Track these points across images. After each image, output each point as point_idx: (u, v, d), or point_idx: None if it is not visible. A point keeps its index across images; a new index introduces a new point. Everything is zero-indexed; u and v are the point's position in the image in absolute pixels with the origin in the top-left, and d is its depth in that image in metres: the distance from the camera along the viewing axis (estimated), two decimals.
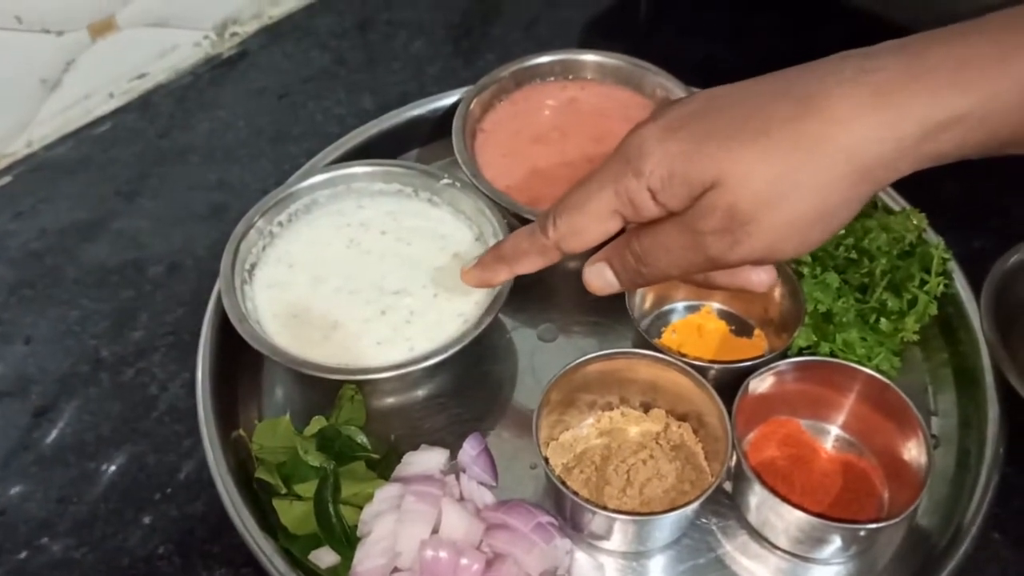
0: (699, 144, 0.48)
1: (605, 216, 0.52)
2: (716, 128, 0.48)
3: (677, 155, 0.48)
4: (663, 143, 0.49)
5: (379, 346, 0.67)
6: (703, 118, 0.49)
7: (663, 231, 0.51)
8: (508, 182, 0.77)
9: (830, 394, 0.66)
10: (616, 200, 0.51)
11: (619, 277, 0.55)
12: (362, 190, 0.76)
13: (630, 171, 0.50)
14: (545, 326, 0.74)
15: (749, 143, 0.47)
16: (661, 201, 0.50)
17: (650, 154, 0.49)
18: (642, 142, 0.50)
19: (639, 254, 0.53)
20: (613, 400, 0.68)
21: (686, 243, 0.50)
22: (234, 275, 0.69)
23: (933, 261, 0.71)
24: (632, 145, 0.50)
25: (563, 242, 0.55)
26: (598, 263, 0.56)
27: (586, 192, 0.53)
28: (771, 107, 0.48)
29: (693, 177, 0.48)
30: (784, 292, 0.70)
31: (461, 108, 0.80)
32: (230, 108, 0.91)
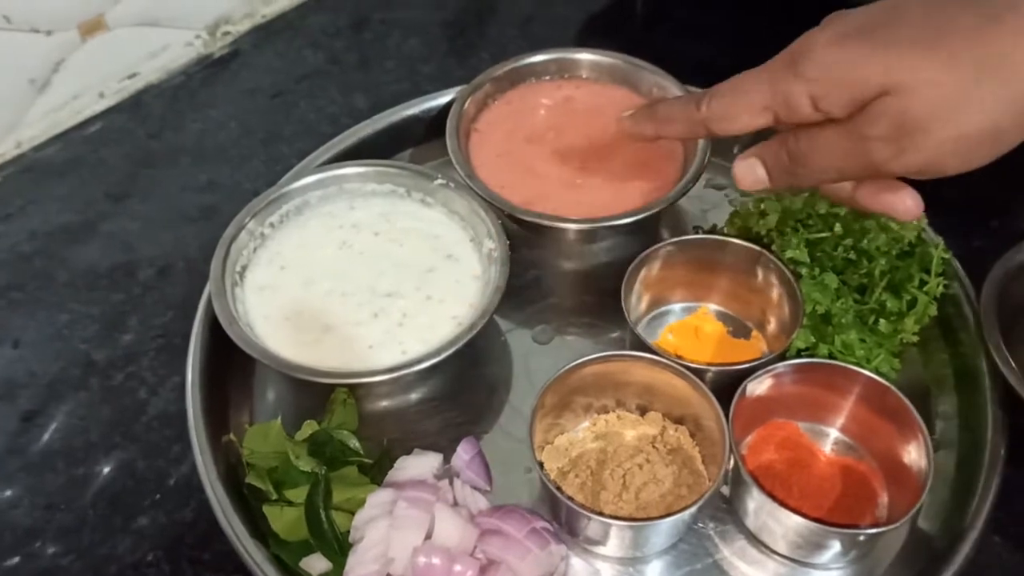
0: (873, 51, 0.48)
1: (757, 110, 0.53)
2: (893, 35, 0.48)
3: (846, 62, 0.49)
4: (832, 49, 0.49)
5: (371, 349, 0.66)
6: (881, 25, 0.49)
7: (824, 132, 0.51)
8: (503, 182, 0.76)
9: (829, 397, 0.65)
10: (772, 98, 0.52)
11: (771, 174, 0.56)
12: (354, 191, 0.75)
13: (792, 73, 0.50)
14: (540, 328, 0.73)
15: (928, 52, 0.47)
16: (822, 108, 0.50)
17: (818, 60, 0.50)
18: (811, 45, 0.50)
19: (795, 153, 0.53)
20: (609, 403, 0.67)
21: (848, 147, 0.50)
22: (224, 277, 0.68)
23: (933, 261, 0.70)
24: (800, 47, 0.51)
25: (710, 122, 0.56)
26: (750, 159, 0.57)
27: (745, 81, 0.54)
28: (954, 17, 0.47)
29: (862, 83, 0.48)
30: (782, 293, 0.69)
31: (455, 107, 0.79)
32: (222, 108, 0.90)
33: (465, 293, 0.69)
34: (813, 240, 0.71)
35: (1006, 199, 0.81)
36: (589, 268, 0.78)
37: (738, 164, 0.57)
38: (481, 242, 0.71)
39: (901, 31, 0.48)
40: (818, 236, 0.71)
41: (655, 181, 0.76)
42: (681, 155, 0.78)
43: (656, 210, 0.73)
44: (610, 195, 0.75)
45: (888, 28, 0.49)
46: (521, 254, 0.77)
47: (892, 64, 0.47)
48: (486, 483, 0.64)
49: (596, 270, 0.78)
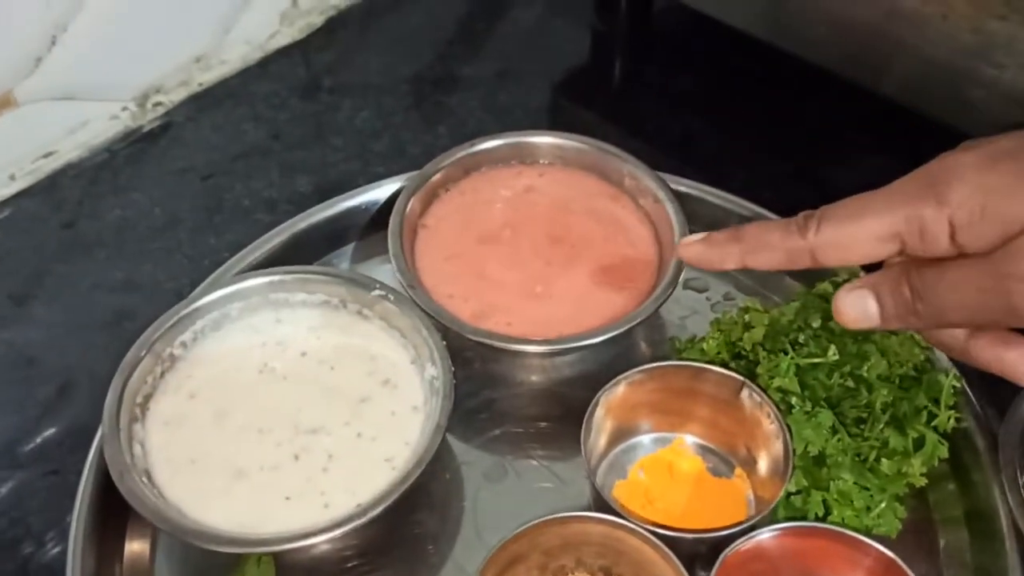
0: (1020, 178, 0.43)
1: (883, 238, 0.46)
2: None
3: (996, 189, 0.43)
4: (981, 173, 0.44)
5: (288, 502, 0.57)
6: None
7: (956, 266, 0.45)
8: (451, 290, 0.67)
9: (825, 565, 0.55)
10: (904, 224, 0.45)
11: (884, 310, 0.48)
12: (281, 301, 0.66)
13: (932, 196, 0.44)
14: (493, 462, 0.64)
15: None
16: (960, 240, 0.44)
17: (963, 182, 0.44)
18: (955, 167, 0.45)
19: (919, 289, 0.47)
20: (568, 563, 0.57)
21: (985, 285, 0.44)
22: (120, 414, 0.58)
23: (943, 391, 0.61)
24: (941, 169, 0.45)
25: (821, 251, 0.48)
26: (861, 290, 0.49)
27: (869, 205, 0.47)
28: None
29: (1012, 215, 0.42)
30: (768, 429, 0.60)
31: (399, 204, 0.70)
32: (147, 191, 0.81)
33: (401, 429, 0.60)
34: (804, 366, 0.62)
35: None
36: (550, 386, 0.69)
37: (844, 296, 0.49)
38: (423, 366, 0.62)
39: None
40: (810, 361, 0.62)
41: (627, 288, 0.67)
42: (656, 257, 0.69)
43: (624, 329, 0.63)
44: (575, 306, 0.66)
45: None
46: (472, 370, 0.68)
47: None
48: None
49: (558, 388, 0.68)
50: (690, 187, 0.74)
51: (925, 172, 0.46)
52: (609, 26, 0.98)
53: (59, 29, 0.77)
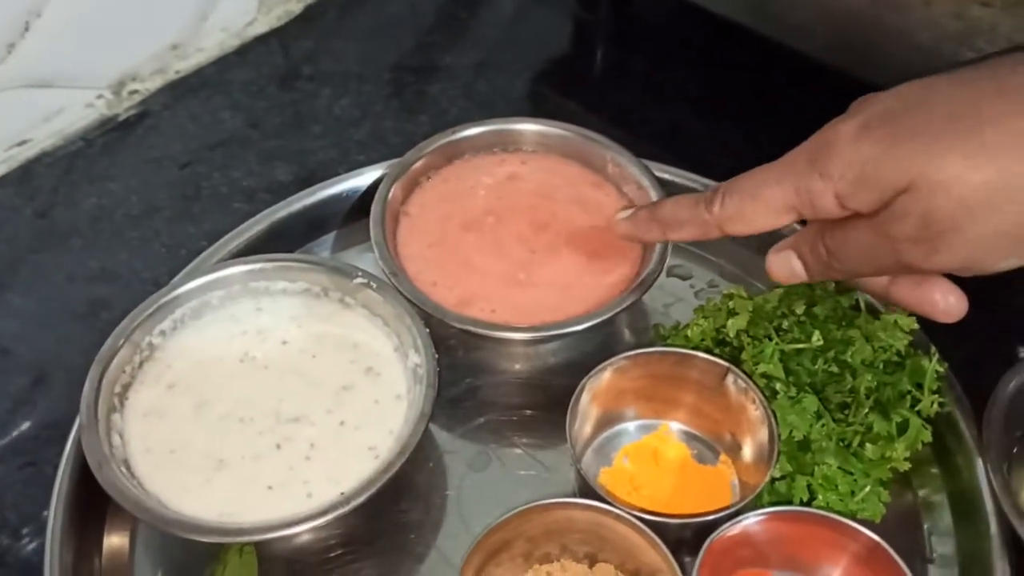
0: (895, 145, 0.45)
1: (779, 210, 0.50)
2: (917, 127, 0.45)
3: (870, 158, 0.46)
4: (856, 144, 0.46)
5: (271, 491, 0.56)
6: (903, 115, 0.46)
7: (854, 230, 0.49)
8: (434, 278, 0.66)
9: (810, 549, 0.55)
10: (795, 197, 0.49)
11: (808, 268, 0.53)
12: (262, 290, 0.65)
13: (816, 171, 0.48)
14: (477, 451, 0.63)
15: (955, 145, 0.44)
16: (849, 206, 0.47)
17: (840, 155, 0.47)
18: (834, 140, 0.47)
19: (831, 248, 0.50)
20: (553, 550, 0.57)
21: (878, 245, 0.47)
22: (98, 403, 0.57)
23: (926, 376, 0.61)
24: (822, 143, 0.48)
25: (726, 223, 0.53)
26: (785, 251, 0.54)
27: (763, 180, 0.51)
28: (982, 104, 0.44)
29: (885, 181, 0.45)
30: (753, 415, 0.60)
31: (381, 191, 0.69)
32: (123, 180, 0.80)
33: (385, 417, 0.59)
34: (788, 352, 0.62)
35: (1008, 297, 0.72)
36: (534, 374, 0.68)
37: (773, 257, 0.54)
38: (406, 354, 0.61)
39: (925, 120, 0.45)
40: (794, 347, 0.62)
41: (611, 275, 0.67)
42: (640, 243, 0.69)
43: (609, 315, 0.63)
44: (559, 294, 0.66)
45: (911, 117, 0.46)
46: (456, 358, 0.67)
47: (913, 158, 0.44)
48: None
49: (542, 376, 0.68)
50: (674, 174, 0.74)
51: (810, 145, 0.49)
52: (591, 14, 0.97)
53: (32, 15, 0.76)
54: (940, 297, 0.51)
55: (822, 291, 0.65)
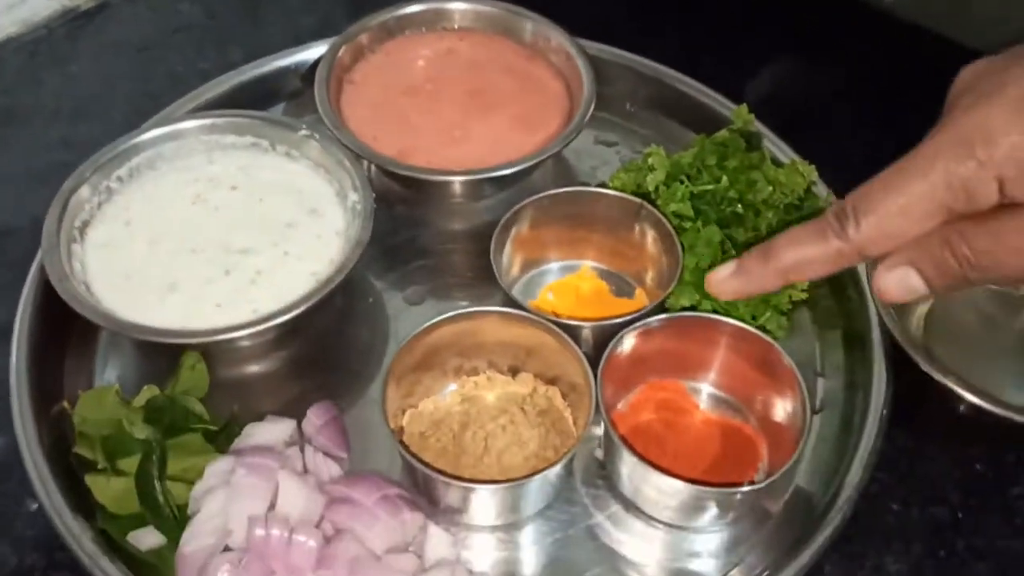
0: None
1: (930, 213, 0.43)
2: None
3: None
4: (1019, 121, 0.41)
5: (219, 308, 0.61)
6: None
7: (1008, 228, 0.43)
8: (375, 133, 0.71)
9: (709, 353, 0.61)
10: (947, 194, 0.43)
11: (931, 283, 0.46)
12: (212, 143, 0.70)
13: (973, 158, 0.42)
14: (412, 289, 0.69)
15: None
16: (1011, 193, 0.42)
17: (1002, 135, 0.41)
18: (986, 121, 0.42)
19: (969, 256, 0.44)
20: (480, 364, 0.62)
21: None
22: (60, 233, 0.62)
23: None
24: (971, 126, 0.42)
25: (869, 247, 0.45)
26: (900, 268, 0.46)
27: (905, 184, 0.43)
28: None
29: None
30: (662, 248, 0.65)
31: (327, 56, 0.74)
32: (84, 64, 0.84)
33: (326, 249, 0.65)
34: (698, 193, 0.67)
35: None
36: (468, 227, 0.74)
37: (886, 276, 0.46)
38: (346, 195, 0.66)
39: None
40: (703, 188, 0.68)
41: (538, 135, 0.72)
42: (567, 107, 0.74)
43: (536, 162, 0.69)
44: (490, 149, 0.71)
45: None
46: (396, 212, 0.73)
47: None
48: (341, 450, 0.59)
49: (475, 229, 0.73)
50: (601, 51, 0.79)
51: (954, 132, 0.43)
52: None
53: None
54: None
55: (733, 147, 0.71)
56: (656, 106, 0.80)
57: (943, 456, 0.62)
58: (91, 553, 0.52)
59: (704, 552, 0.58)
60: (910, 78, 0.84)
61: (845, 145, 0.77)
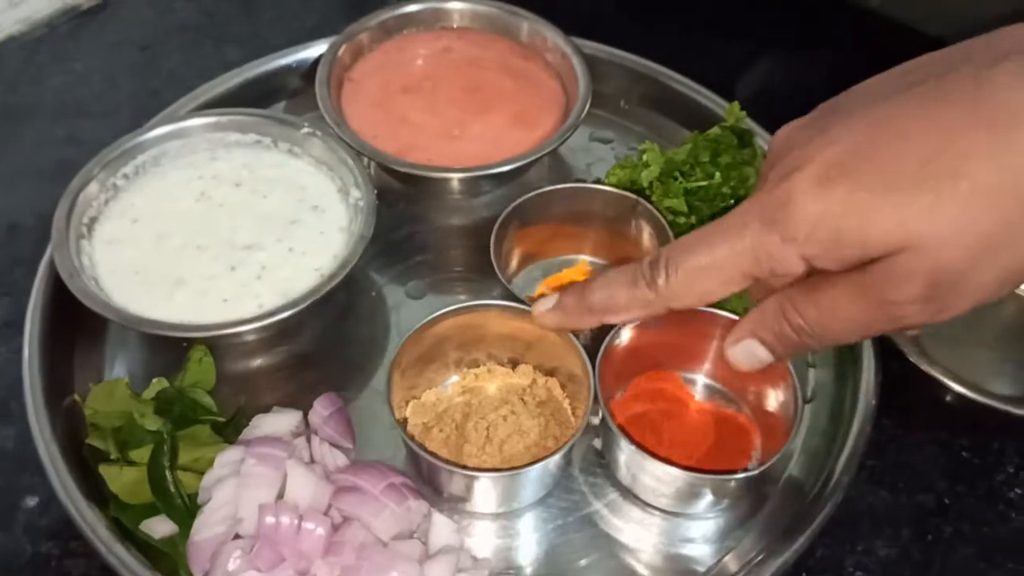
0: (872, 202, 0.39)
1: (734, 279, 0.44)
2: (888, 177, 0.39)
3: (844, 216, 0.40)
4: (820, 200, 0.40)
5: (226, 303, 0.63)
6: (865, 161, 0.40)
7: (834, 298, 0.43)
8: (376, 132, 0.73)
9: (704, 345, 0.63)
10: (752, 265, 0.43)
11: (775, 352, 0.48)
12: (216, 141, 0.71)
13: (776, 234, 0.42)
14: (413, 283, 0.71)
15: (947, 194, 0.38)
16: (818, 266, 0.42)
17: (804, 215, 0.40)
18: (790, 198, 0.41)
19: (802, 326, 0.45)
20: (480, 357, 0.64)
21: (871, 311, 0.42)
22: (69, 229, 0.64)
23: None
24: (777, 202, 0.41)
25: (674, 300, 0.47)
26: (745, 341, 0.48)
27: (711, 248, 0.44)
28: (961, 135, 0.38)
29: (870, 241, 0.39)
30: (658, 243, 0.67)
31: (327, 55, 0.75)
32: (86, 62, 0.86)
33: (330, 245, 0.66)
34: (692, 189, 0.69)
35: None
36: (467, 223, 0.75)
37: (732, 351, 0.49)
38: (348, 192, 0.68)
39: (896, 167, 0.39)
40: (697, 184, 0.69)
41: (536, 132, 0.74)
42: (564, 104, 0.76)
43: (533, 159, 0.70)
44: (488, 146, 0.73)
45: (877, 162, 0.39)
46: (397, 209, 0.74)
47: (904, 215, 0.38)
48: (347, 440, 0.61)
49: (474, 225, 0.75)
50: (594, 49, 0.81)
51: (762, 204, 0.42)
52: None
53: None
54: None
55: (725, 144, 0.72)
56: (650, 103, 0.82)
57: (930, 444, 0.64)
58: (106, 540, 0.53)
59: (700, 538, 0.59)
60: None
61: None
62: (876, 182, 0.39)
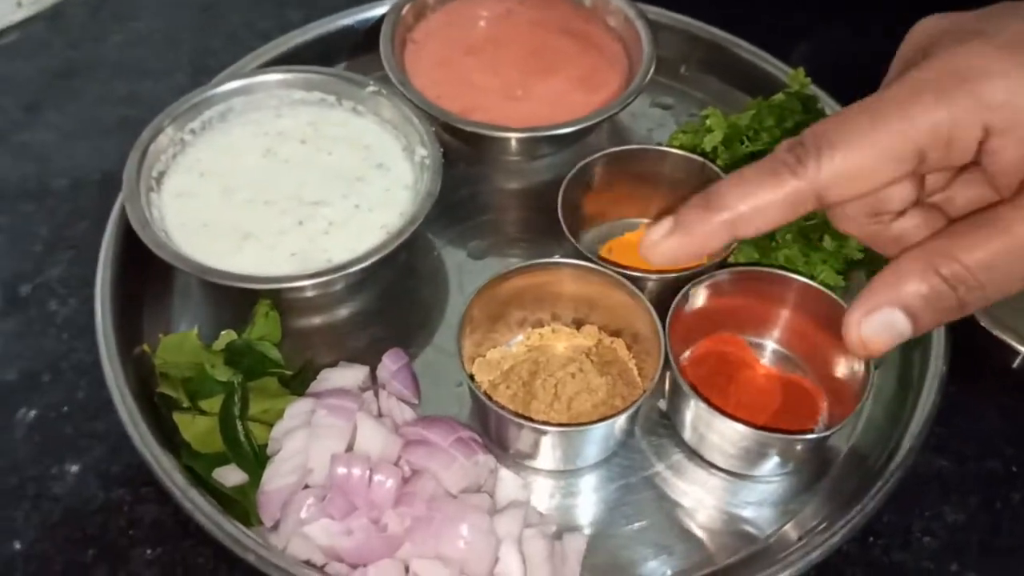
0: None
1: (904, 157, 0.36)
2: None
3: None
4: (1014, 64, 0.34)
5: (294, 257, 0.63)
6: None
7: (1008, 226, 0.35)
8: (439, 92, 0.72)
9: (771, 308, 0.63)
10: (929, 137, 0.35)
11: (920, 320, 0.37)
12: (282, 98, 0.71)
13: (966, 97, 0.35)
14: (475, 243, 0.71)
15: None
16: (988, 147, 0.35)
17: (1000, 75, 0.34)
18: (982, 57, 0.35)
19: (964, 276, 0.36)
20: (544, 317, 0.64)
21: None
22: (139, 182, 0.64)
23: None
24: (967, 65, 0.35)
25: (831, 188, 0.36)
26: (882, 311, 0.37)
27: (880, 120, 0.36)
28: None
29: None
30: None
31: (391, 14, 0.75)
32: (147, 20, 0.86)
33: (396, 202, 0.66)
34: (757, 153, 0.69)
35: None
36: (528, 185, 0.75)
37: (865, 325, 0.38)
38: (413, 150, 0.68)
39: None
40: (763, 148, 0.69)
41: (598, 95, 0.73)
42: (626, 68, 0.75)
43: (597, 121, 0.70)
44: (550, 108, 0.72)
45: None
46: (458, 169, 0.74)
47: None
48: (413, 395, 0.61)
49: (535, 187, 0.75)
50: (657, 14, 0.80)
51: (945, 69, 0.36)
52: None
53: None
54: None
55: (790, 110, 0.72)
56: (710, 69, 0.81)
57: (996, 410, 0.63)
58: (181, 486, 0.54)
59: (762, 502, 0.59)
60: None
61: None
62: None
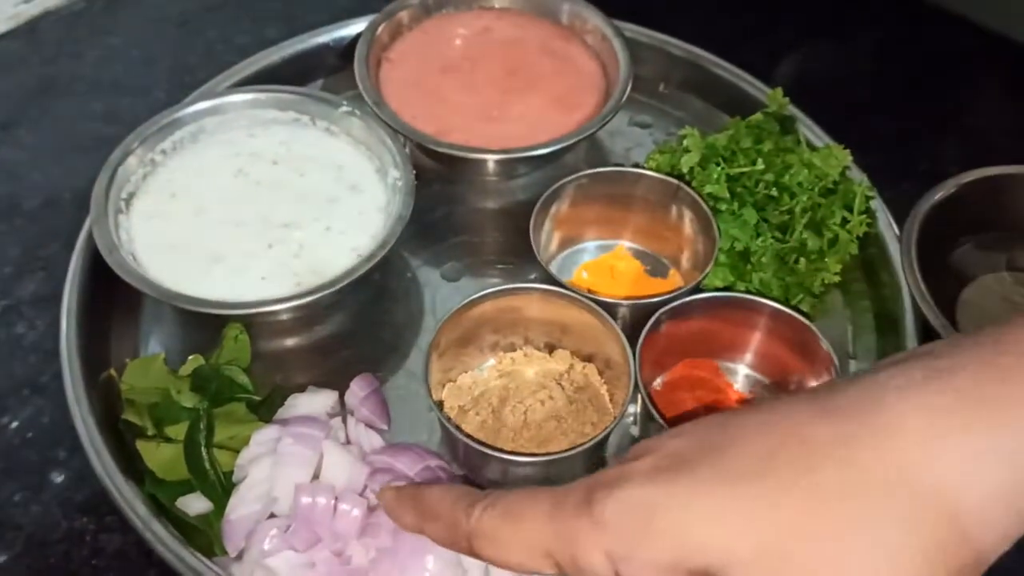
0: (694, 493, 0.33)
1: (534, 551, 0.36)
2: (722, 468, 0.33)
3: (660, 507, 0.33)
4: (640, 486, 0.34)
5: (264, 281, 0.62)
6: (708, 453, 0.34)
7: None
8: (414, 112, 0.72)
9: (744, 333, 0.62)
10: (556, 542, 0.35)
11: None
12: (254, 118, 0.70)
13: (585, 515, 0.34)
14: (449, 264, 0.70)
15: (772, 494, 0.32)
16: (622, 572, 0.34)
17: (617, 499, 0.34)
18: (615, 478, 0.35)
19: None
20: (516, 341, 0.63)
21: None
22: (107, 203, 0.63)
23: (856, 199, 0.68)
24: (598, 482, 0.35)
25: (477, 539, 0.39)
26: None
27: (531, 508, 0.37)
28: (800, 433, 0.33)
29: (683, 552, 0.32)
30: (699, 229, 0.66)
31: (365, 34, 0.75)
32: (124, 36, 0.85)
33: (368, 225, 0.65)
34: (734, 175, 0.68)
35: (936, 141, 0.79)
36: (504, 205, 0.75)
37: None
38: (386, 172, 0.67)
39: (731, 460, 0.33)
40: (739, 171, 0.68)
41: (575, 115, 0.73)
42: (604, 87, 0.75)
43: (573, 141, 0.69)
44: (527, 129, 0.72)
45: (716, 455, 0.34)
46: (433, 190, 0.73)
47: (723, 517, 0.32)
48: (383, 421, 0.60)
49: (511, 208, 0.74)
50: (635, 32, 0.80)
51: (592, 481, 0.35)
52: None
53: None
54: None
55: (767, 130, 0.71)
56: (689, 88, 0.81)
57: None
58: (143, 516, 0.53)
59: None
60: (940, 63, 0.85)
61: (875, 128, 0.78)
62: (708, 475, 0.33)
